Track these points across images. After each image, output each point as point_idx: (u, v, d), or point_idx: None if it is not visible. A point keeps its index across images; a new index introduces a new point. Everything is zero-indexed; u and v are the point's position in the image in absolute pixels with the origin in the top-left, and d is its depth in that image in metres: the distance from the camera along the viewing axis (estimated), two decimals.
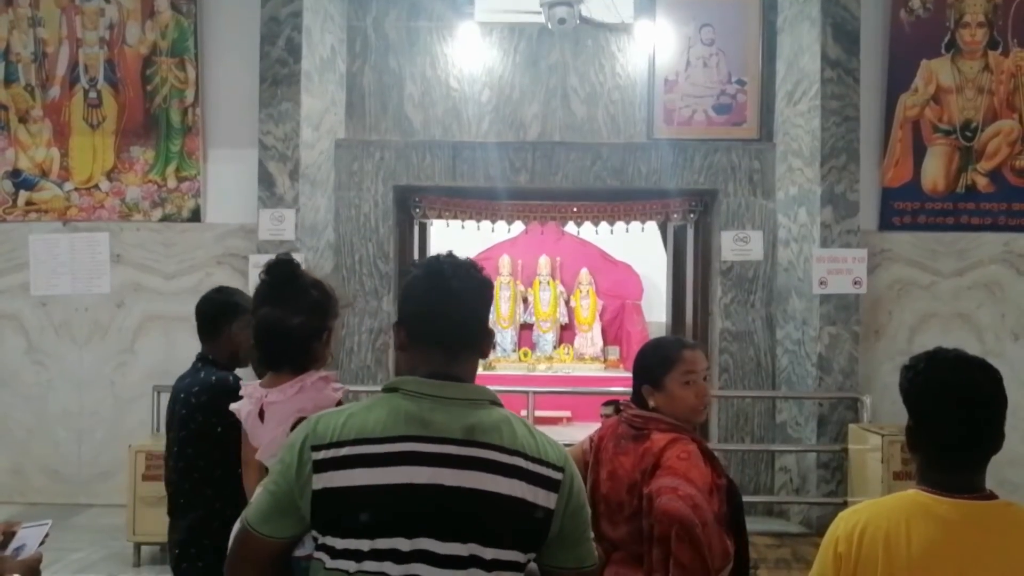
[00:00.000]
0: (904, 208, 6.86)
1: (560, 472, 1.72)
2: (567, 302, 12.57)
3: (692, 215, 7.22)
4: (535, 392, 6.18)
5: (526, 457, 1.69)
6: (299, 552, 1.79)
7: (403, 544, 1.62)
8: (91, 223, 7.07)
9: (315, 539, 1.70)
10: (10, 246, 7.12)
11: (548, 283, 12.45)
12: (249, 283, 6.58)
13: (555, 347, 12.28)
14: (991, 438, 1.84)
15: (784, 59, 6.89)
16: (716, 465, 2.53)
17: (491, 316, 12.09)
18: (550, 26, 6.41)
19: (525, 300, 12.56)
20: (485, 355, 1.84)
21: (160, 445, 5.70)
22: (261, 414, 2.08)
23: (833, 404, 6.38)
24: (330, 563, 1.66)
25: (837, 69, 6.43)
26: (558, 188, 7.08)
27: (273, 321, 2.10)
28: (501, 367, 11.63)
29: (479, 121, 7.19)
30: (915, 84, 6.76)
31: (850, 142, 6.46)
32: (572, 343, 12.31)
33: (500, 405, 1.77)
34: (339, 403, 2.11)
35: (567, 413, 10.29)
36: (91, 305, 7.06)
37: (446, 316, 1.73)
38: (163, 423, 6.32)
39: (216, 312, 2.97)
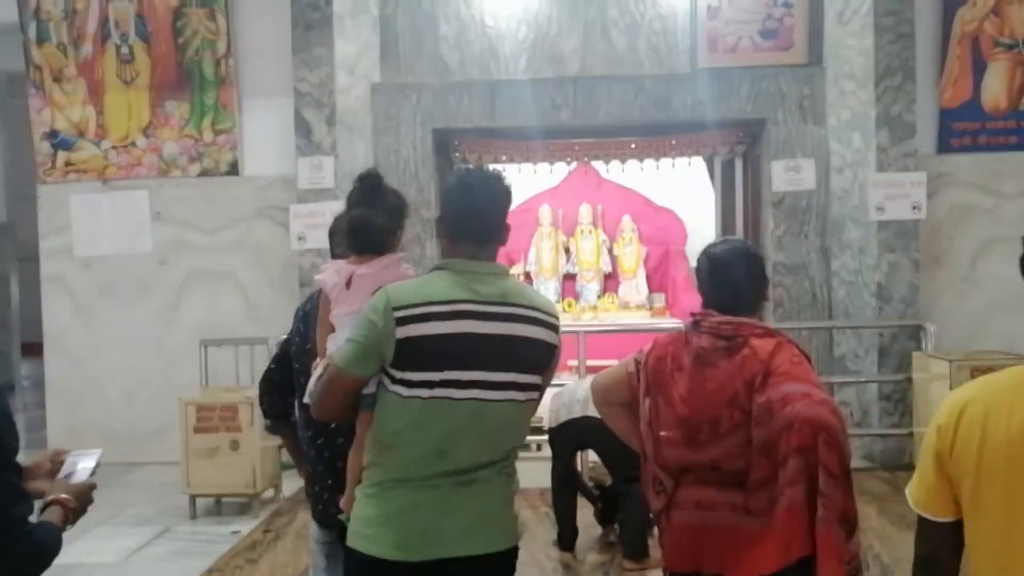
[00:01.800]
0: (964, 129, 6.57)
1: (557, 319, 2.37)
2: (610, 251, 12.33)
3: (740, 146, 6.99)
4: (586, 331, 6.02)
5: (540, 310, 2.31)
6: (366, 391, 2.27)
7: (463, 375, 2.19)
8: (130, 181, 7.02)
9: (392, 377, 2.21)
10: (52, 208, 7.11)
11: (590, 232, 12.19)
12: (291, 234, 6.51)
13: (599, 296, 12.07)
14: None
15: None
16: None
17: (532, 261, 11.98)
18: None
19: (567, 250, 12.36)
20: (504, 243, 2.40)
21: (209, 399, 5.73)
22: (348, 284, 2.51)
23: (894, 334, 6.18)
24: (406, 392, 2.19)
25: None
26: (600, 124, 6.89)
27: (364, 219, 2.59)
28: None
29: (517, 59, 6.99)
30: None
31: (905, 60, 6.18)
32: (616, 292, 12.11)
33: (510, 275, 2.39)
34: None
35: (614, 361, 10.12)
36: (134, 264, 7.03)
37: (474, 220, 2.30)
38: (211, 378, 6.36)
39: None
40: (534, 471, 5.28)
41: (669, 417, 2.41)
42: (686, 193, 11.43)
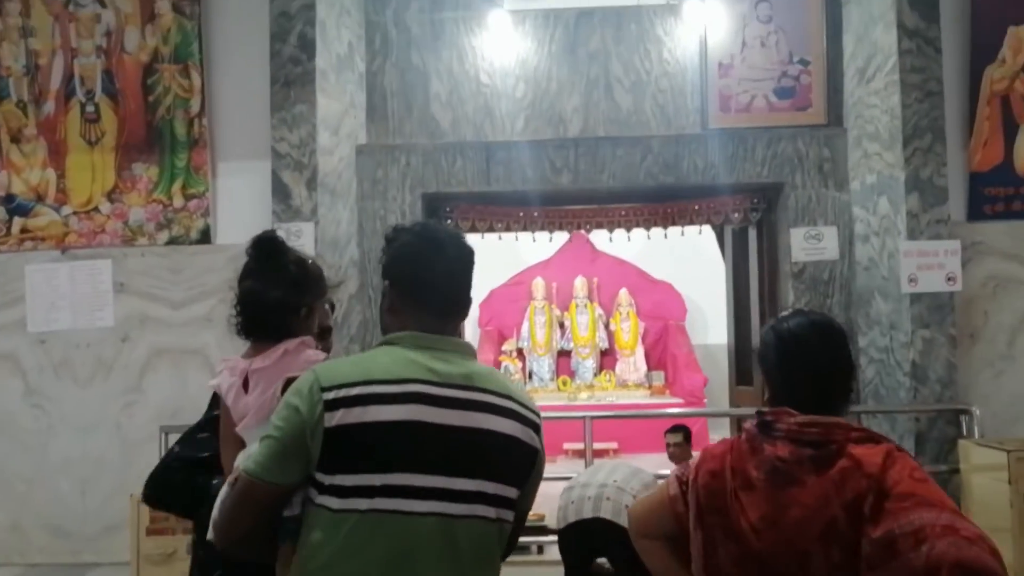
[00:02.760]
0: (996, 194, 6.10)
1: (538, 417, 1.86)
2: (606, 326, 11.82)
3: (755, 212, 6.49)
4: (592, 417, 5.39)
5: (517, 401, 1.82)
6: (287, 512, 1.77)
7: (417, 480, 1.65)
8: (92, 250, 6.42)
9: (319, 484, 1.68)
10: (5, 279, 6.49)
11: (585, 306, 11.70)
12: None
13: (596, 374, 11.49)
14: None
15: (852, 32, 6.18)
16: None
17: (525, 336, 11.40)
18: None
19: (562, 325, 11.82)
20: (465, 319, 1.99)
21: None
22: (245, 384, 2.01)
23: (932, 418, 5.58)
24: (338, 504, 1.66)
25: (916, 39, 5.72)
26: (604, 188, 6.37)
27: (252, 293, 2.14)
28: (539, 398, 10.86)
29: (514, 119, 6.52)
30: (1002, 54, 6.04)
31: (935, 120, 5.72)
32: (614, 369, 11.53)
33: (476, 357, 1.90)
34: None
35: (613, 444, 9.49)
36: (93, 340, 6.39)
37: (441, 283, 1.85)
38: None
39: None
40: None
41: (734, 555, 1.78)
42: (683, 265, 10.95)
